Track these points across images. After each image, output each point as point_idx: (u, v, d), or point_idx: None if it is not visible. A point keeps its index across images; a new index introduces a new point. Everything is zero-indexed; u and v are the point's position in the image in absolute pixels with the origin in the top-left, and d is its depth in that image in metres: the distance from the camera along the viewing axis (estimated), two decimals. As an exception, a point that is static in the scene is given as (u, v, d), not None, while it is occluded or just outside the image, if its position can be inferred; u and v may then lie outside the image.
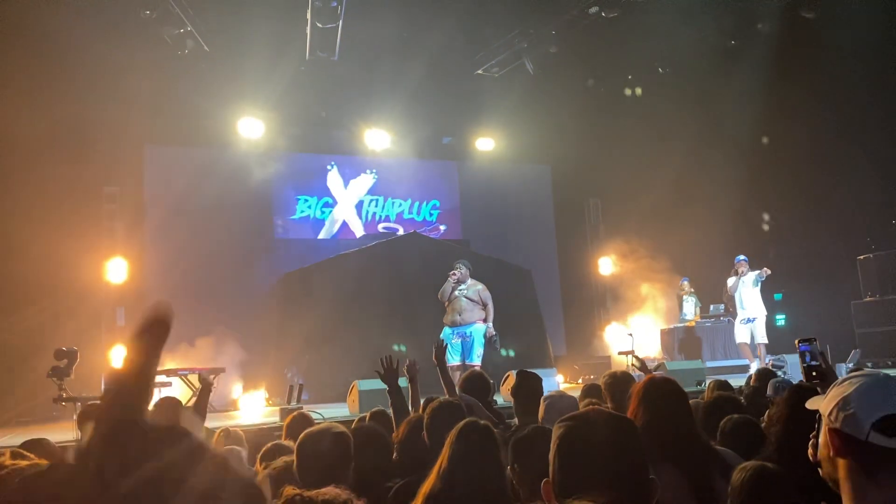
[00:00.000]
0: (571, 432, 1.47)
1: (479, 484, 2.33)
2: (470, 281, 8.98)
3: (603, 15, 10.58)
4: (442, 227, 14.18)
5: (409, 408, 5.01)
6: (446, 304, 9.02)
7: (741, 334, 10.54)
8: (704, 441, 2.58)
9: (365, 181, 13.68)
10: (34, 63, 9.62)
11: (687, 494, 2.23)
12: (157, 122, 11.00)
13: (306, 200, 13.17)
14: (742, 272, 10.46)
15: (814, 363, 2.68)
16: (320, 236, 13.22)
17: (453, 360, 8.66)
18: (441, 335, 8.88)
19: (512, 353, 9.64)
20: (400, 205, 13.97)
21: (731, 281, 10.64)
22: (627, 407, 2.64)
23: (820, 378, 2.66)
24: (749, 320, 10.44)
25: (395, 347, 9.34)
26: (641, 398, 2.53)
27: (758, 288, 10.45)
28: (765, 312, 10.41)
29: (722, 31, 11.48)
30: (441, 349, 5.17)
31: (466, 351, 8.80)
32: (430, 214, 14.19)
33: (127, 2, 9.44)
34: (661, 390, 2.57)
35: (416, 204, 14.10)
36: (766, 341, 10.30)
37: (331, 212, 13.33)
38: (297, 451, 2.67)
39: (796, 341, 2.80)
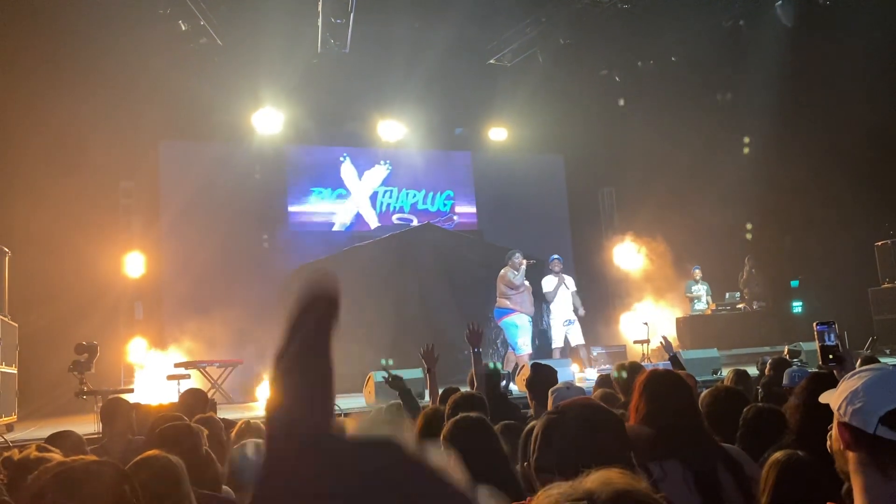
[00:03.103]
0: (554, 419, 1.63)
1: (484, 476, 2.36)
2: None
3: (615, 4, 10.51)
4: (455, 218, 14.17)
5: (427, 398, 5.03)
6: (514, 291, 9.07)
7: (559, 338, 10.05)
8: (709, 436, 2.52)
9: (379, 172, 13.72)
10: (51, 60, 9.71)
11: (692, 490, 2.23)
12: (171, 116, 11.09)
13: (320, 192, 13.22)
14: (559, 271, 10.11)
15: (830, 344, 2.68)
16: (335, 228, 13.27)
17: (533, 347, 9.02)
18: (519, 323, 9.09)
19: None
20: (414, 195, 13.98)
21: (550, 281, 10.09)
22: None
23: (836, 361, 2.66)
24: (569, 322, 10.02)
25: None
26: (643, 393, 2.46)
27: (571, 289, 10.11)
28: (581, 314, 9.99)
29: (735, 18, 11.36)
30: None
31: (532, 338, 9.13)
32: (444, 205, 14.20)
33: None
34: (663, 384, 2.48)
35: (430, 195, 14.11)
36: (584, 342, 9.92)
37: (345, 203, 13.38)
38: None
39: (814, 323, 2.80)
